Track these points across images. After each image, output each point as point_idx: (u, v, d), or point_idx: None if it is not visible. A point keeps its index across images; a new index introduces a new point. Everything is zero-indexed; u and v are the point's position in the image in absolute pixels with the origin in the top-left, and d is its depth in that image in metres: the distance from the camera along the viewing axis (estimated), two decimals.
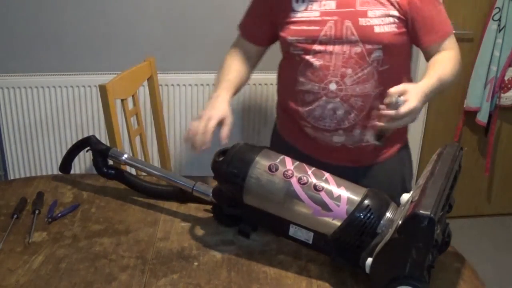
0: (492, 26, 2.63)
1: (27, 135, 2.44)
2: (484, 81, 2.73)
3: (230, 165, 1.20)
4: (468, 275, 1.18)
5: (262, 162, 1.18)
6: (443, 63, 1.40)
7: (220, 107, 1.36)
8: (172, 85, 2.42)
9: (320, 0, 1.38)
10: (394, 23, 1.37)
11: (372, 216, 1.10)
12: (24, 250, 1.21)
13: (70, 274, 1.13)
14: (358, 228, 1.10)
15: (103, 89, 1.79)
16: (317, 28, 1.38)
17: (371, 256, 1.05)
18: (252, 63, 1.58)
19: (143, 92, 2.34)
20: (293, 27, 1.41)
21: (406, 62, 1.53)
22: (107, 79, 1.84)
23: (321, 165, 1.24)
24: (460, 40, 2.95)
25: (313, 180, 1.15)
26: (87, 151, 1.41)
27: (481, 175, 3.02)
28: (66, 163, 1.45)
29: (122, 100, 1.97)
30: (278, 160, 1.19)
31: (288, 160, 1.19)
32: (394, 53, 1.42)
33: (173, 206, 1.41)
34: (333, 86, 1.40)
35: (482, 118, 2.81)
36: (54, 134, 2.43)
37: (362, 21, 1.36)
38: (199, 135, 1.30)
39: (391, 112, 1.24)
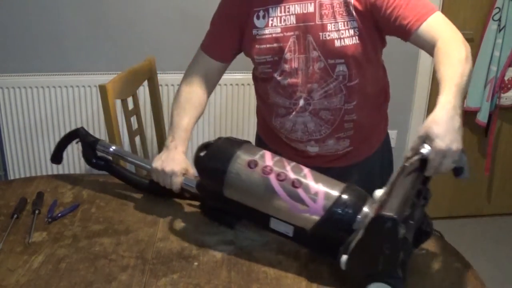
0: (492, 26, 2.63)
1: (27, 135, 2.44)
2: (484, 81, 2.74)
3: (211, 160, 1.22)
4: (468, 275, 1.18)
5: (242, 157, 1.20)
6: (449, 59, 1.18)
7: (180, 161, 1.34)
8: (172, 85, 2.42)
9: (280, 15, 1.35)
10: (354, 35, 1.32)
11: (348, 212, 1.11)
12: (24, 250, 1.21)
13: (70, 274, 1.13)
14: (335, 224, 1.11)
15: (103, 89, 1.79)
16: (280, 44, 1.36)
17: (346, 253, 1.06)
18: (213, 83, 1.52)
19: (143, 92, 2.34)
20: (257, 45, 1.38)
21: (379, 73, 1.48)
22: (107, 79, 1.84)
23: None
24: None
25: (291, 176, 1.16)
26: (76, 142, 1.45)
27: (481, 175, 3.02)
28: (56, 154, 1.49)
29: (122, 100, 1.97)
30: (258, 155, 1.20)
31: (268, 156, 1.21)
32: (362, 65, 1.37)
33: (173, 206, 1.41)
34: (301, 102, 1.39)
35: (482, 118, 2.81)
36: (54, 134, 2.43)
37: (322, 36, 1.32)
38: (168, 187, 1.34)
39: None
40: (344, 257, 1.05)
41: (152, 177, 1.37)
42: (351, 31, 1.31)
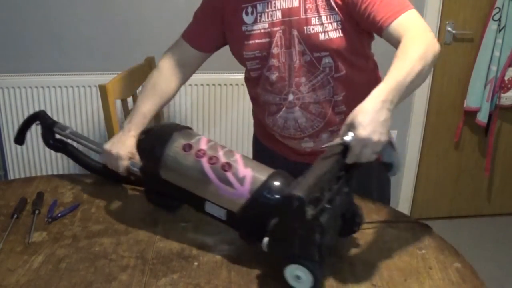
0: (492, 26, 2.63)
1: (27, 135, 2.43)
2: (484, 81, 2.74)
3: (149, 142, 1.27)
4: (468, 275, 1.18)
5: (179, 141, 1.23)
6: (403, 55, 1.17)
7: (128, 144, 1.36)
8: None
9: (267, 10, 1.37)
10: (337, 28, 1.33)
11: (274, 196, 1.14)
12: (24, 250, 1.21)
13: (70, 274, 1.13)
14: (260, 207, 1.13)
15: (103, 89, 1.79)
16: (267, 40, 1.38)
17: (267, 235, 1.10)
18: (188, 72, 1.52)
19: None
20: (246, 41, 1.40)
21: (368, 66, 1.48)
22: (107, 79, 1.84)
23: (300, 166, 1.22)
24: (460, 40, 2.97)
25: (222, 160, 1.19)
26: (37, 124, 1.51)
27: (481, 175, 3.02)
28: (19, 136, 1.56)
29: (122, 100, 1.97)
30: (194, 139, 1.24)
31: (203, 140, 1.25)
32: (347, 58, 1.37)
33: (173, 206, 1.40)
34: (291, 97, 1.41)
35: (482, 118, 2.81)
36: None
37: (307, 29, 1.33)
38: (114, 169, 1.38)
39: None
40: (266, 239, 1.09)
41: (101, 159, 1.40)
42: (334, 25, 1.33)
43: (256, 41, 1.39)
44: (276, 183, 1.15)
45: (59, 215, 1.34)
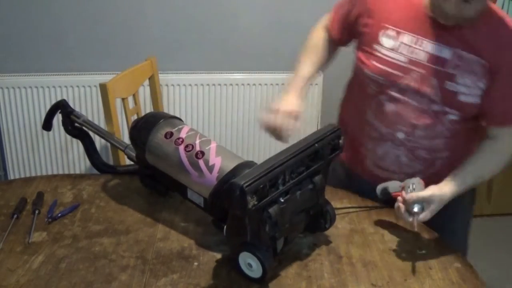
0: None
1: (27, 135, 2.44)
2: None
3: (138, 130, 1.33)
4: (468, 275, 1.18)
5: (164, 128, 1.29)
6: (487, 159, 1.30)
7: (294, 103, 1.36)
8: (173, 85, 2.42)
9: (412, 45, 1.28)
10: (480, 95, 1.27)
11: None
12: (24, 250, 1.21)
13: (70, 274, 1.13)
14: (225, 194, 1.14)
15: (103, 88, 1.79)
16: (399, 74, 1.29)
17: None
18: (331, 50, 1.53)
19: (143, 92, 2.34)
20: (374, 62, 1.32)
21: (482, 125, 1.40)
22: (107, 79, 1.84)
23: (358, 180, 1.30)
24: None
25: (197, 148, 1.24)
26: (59, 113, 1.59)
27: None
28: (47, 123, 1.63)
29: (123, 99, 1.97)
30: (177, 128, 1.30)
31: (185, 129, 1.30)
32: (472, 121, 1.33)
33: (173, 206, 1.40)
34: (400, 135, 1.34)
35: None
36: (54, 134, 2.43)
37: (449, 85, 1.26)
38: (279, 130, 1.33)
39: (402, 207, 1.25)
40: (225, 226, 1.15)
41: (263, 125, 1.37)
42: (477, 91, 1.27)
43: (386, 68, 1.31)
44: (240, 172, 1.16)
45: (59, 215, 1.34)
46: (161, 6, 2.37)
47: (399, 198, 1.26)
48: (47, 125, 1.63)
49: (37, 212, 1.34)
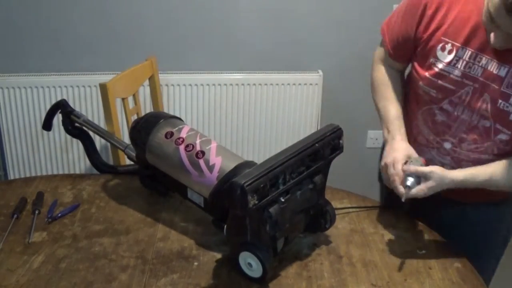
0: None
1: (27, 135, 2.44)
2: None
3: (138, 130, 1.34)
4: (468, 275, 1.18)
5: (164, 128, 1.30)
6: (503, 169, 1.25)
7: (401, 148, 1.30)
8: (173, 85, 2.42)
9: (469, 60, 1.24)
10: None
11: None
12: (24, 250, 1.21)
13: (70, 274, 1.13)
14: (225, 194, 1.15)
15: (103, 88, 1.79)
16: (453, 88, 1.26)
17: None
18: (402, 76, 1.47)
19: (144, 92, 2.34)
20: (429, 75, 1.29)
21: None
22: (107, 79, 1.84)
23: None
24: None
25: (197, 148, 1.24)
26: (59, 112, 1.58)
27: None
28: (46, 123, 1.63)
29: (123, 99, 1.97)
30: (177, 128, 1.30)
31: (185, 129, 1.30)
32: None
33: (173, 206, 1.41)
34: (447, 145, 1.32)
35: None
36: (54, 134, 2.43)
37: (501, 104, 1.22)
38: (396, 179, 1.26)
39: (397, 179, 1.23)
40: (225, 226, 1.15)
41: (383, 177, 1.32)
42: None
43: (440, 82, 1.27)
44: (240, 172, 1.15)
45: (59, 215, 1.34)
46: (161, 6, 2.37)
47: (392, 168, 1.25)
48: (47, 125, 1.63)
49: (37, 212, 1.34)
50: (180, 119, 1.37)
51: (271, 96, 2.46)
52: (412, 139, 1.37)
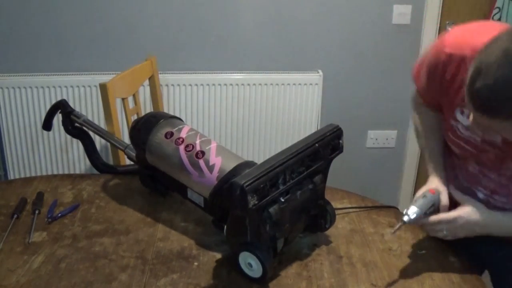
0: None
1: (27, 135, 2.44)
2: None
3: (138, 130, 1.34)
4: (468, 275, 1.18)
5: (164, 128, 1.30)
6: None
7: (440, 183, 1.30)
8: (173, 85, 2.42)
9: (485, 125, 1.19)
10: None
11: None
12: (24, 250, 1.21)
13: (70, 274, 1.13)
14: (225, 194, 1.15)
15: (103, 87, 1.79)
16: (474, 151, 1.24)
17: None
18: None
19: (144, 92, 2.34)
20: (451, 135, 1.27)
21: None
22: (107, 79, 1.84)
23: None
24: None
25: (197, 148, 1.25)
26: (59, 112, 1.59)
27: None
28: (46, 123, 1.64)
29: (123, 99, 1.97)
30: (177, 128, 1.30)
31: (185, 129, 1.30)
32: None
33: (173, 206, 1.41)
34: (480, 195, 1.29)
35: None
36: (54, 134, 2.43)
37: None
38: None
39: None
40: (225, 226, 1.15)
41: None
42: None
43: (461, 143, 1.26)
44: (240, 172, 1.16)
45: (59, 215, 1.34)
46: (161, 6, 2.37)
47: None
48: (47, 125, 1.63)
49: (37, 212, 1.34)
50: (180, 119, 1.37)
51: (271, 96, 2.46)
52: (451, 180, 1.35)
